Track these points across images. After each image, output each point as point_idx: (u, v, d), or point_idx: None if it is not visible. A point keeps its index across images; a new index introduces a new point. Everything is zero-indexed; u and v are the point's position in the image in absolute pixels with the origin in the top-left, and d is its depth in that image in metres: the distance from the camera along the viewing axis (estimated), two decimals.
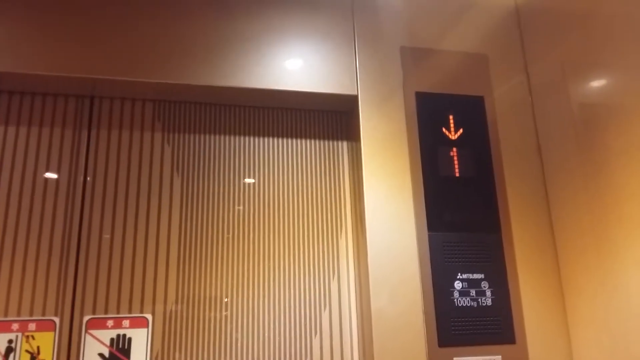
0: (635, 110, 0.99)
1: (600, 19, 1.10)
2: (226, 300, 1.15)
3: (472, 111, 1.28)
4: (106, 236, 1.14)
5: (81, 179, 1.16)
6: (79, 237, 1.13)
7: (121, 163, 1.19)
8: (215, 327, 1.14)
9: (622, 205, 1.02)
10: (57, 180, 1.15)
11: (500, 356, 1.11)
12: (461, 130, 1.25)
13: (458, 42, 1.34)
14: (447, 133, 1.25)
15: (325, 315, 1.20)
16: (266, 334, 1.16)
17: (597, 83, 1.12)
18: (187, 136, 1.25)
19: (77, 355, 1.06)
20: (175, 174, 1.22)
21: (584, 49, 1.15)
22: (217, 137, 1.27)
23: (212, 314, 1.14)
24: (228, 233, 1.20)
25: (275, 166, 1.28)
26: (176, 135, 1.24)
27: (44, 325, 1.06)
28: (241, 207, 1.22)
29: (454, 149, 1.24)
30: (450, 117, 1.26)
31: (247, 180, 1.25)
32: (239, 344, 1.14)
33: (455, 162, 1.23)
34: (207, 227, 1.19)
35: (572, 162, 1.18)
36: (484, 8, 1.38)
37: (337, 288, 1.22)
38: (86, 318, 1.09)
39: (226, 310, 1.15)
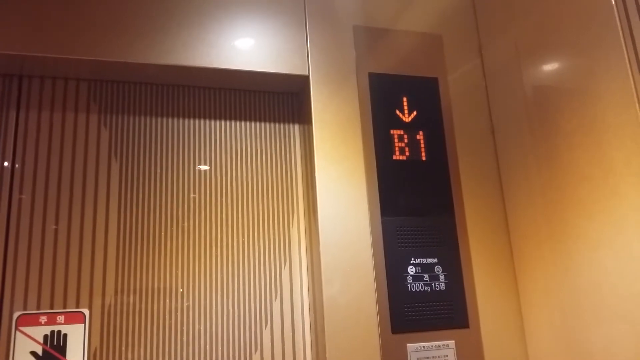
0: (588, 92, 0.99)
1: (553, 1, 1.09)
2: (181, 291, 1.10)
3: (426, 93, 1.25)
4: (37, 226, 1.06)
5: (9, 164, 1.07)
6: (7, 227, 1.04)
7: (53, 147, 1.11)
8: (158, 320, 1.08)
9: (574, 188, 1.02)
10: None
11: (453, 341, 1.10)
12: (415, 113, 1.23)
13: (412, 22, 1.30)
14: (400, 115, 1.21)
15: (276, 304, 1.16)
16: (214, 325, 1.11)
17: (550, 66, 1.11)
18: (125, 118, 1.17)
19: (6, 354, 0.98)
20: (113, 158, 1.14)
21: (537, 32, 1.14)
22: (159, 119, 1.19)
23: (155, 307, 1.08)
24: (172, 221, 1.14)
25: (223, 150, 1.22)
26: (114, 117, 1.16)
27: None
28: (195, 196, 1.16)
29: (408, 132, 1.21)
30: (404, 98, 1.23)
31: (200, 167, 1.18)
32: (185, 336, 1.09)
33: (409, 145, 1.20)
34: (148, 215, 1.13)
35: (526, 144, 1.17)
36: None
37: (288, 276, 1.18)
38: (16, 314, 1.01)
39: (170, 302, 1.09)
